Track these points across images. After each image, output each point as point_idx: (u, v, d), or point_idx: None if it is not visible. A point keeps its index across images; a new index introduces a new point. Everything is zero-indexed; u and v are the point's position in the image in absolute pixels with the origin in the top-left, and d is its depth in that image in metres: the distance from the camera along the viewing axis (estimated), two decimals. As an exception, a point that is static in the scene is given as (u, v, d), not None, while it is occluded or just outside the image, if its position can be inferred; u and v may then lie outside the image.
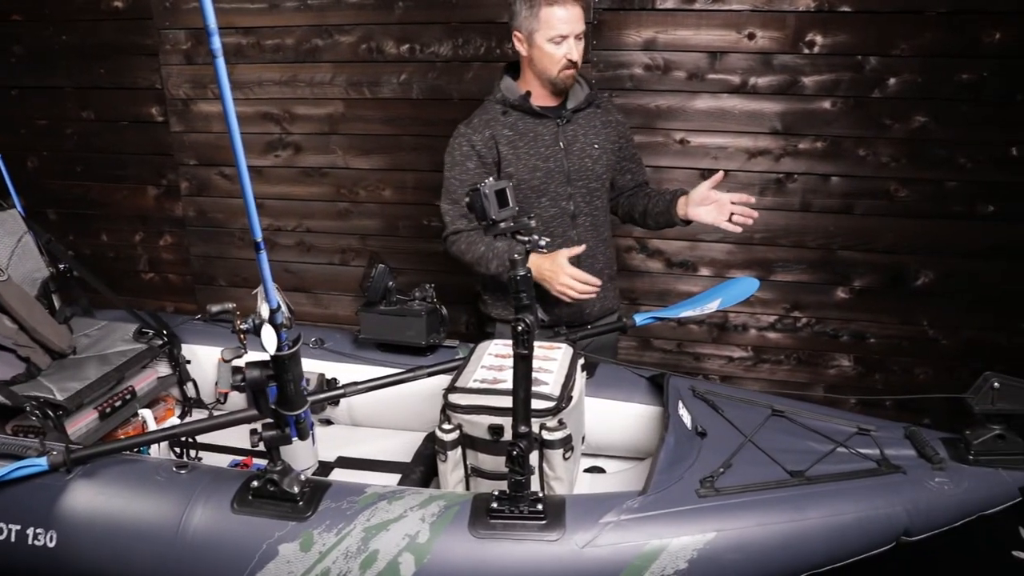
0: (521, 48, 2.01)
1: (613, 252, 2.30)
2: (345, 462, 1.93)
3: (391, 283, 2.00)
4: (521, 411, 1.29)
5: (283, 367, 1.24)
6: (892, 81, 2.55)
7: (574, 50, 1.95)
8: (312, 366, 2.04)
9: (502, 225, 1.16)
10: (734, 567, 1.33)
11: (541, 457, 1.49)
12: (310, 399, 1.62)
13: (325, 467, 1.91)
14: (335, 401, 2.04)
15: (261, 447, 1.40)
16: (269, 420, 1.38)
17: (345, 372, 2.02)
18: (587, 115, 2.11)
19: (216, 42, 0.90)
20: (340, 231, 3.13)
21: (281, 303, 1.20)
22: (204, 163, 3.16)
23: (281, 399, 1.31)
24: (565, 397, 1.51)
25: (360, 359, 2.05)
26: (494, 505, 1.35)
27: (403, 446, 1.93)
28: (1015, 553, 1.48)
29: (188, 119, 3.11)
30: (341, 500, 1.41)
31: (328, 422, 2.11)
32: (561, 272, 1.88)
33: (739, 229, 1.99)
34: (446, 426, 1.51)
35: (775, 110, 2.65)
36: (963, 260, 2.68)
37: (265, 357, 1.27)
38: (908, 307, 2.77)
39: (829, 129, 2.63)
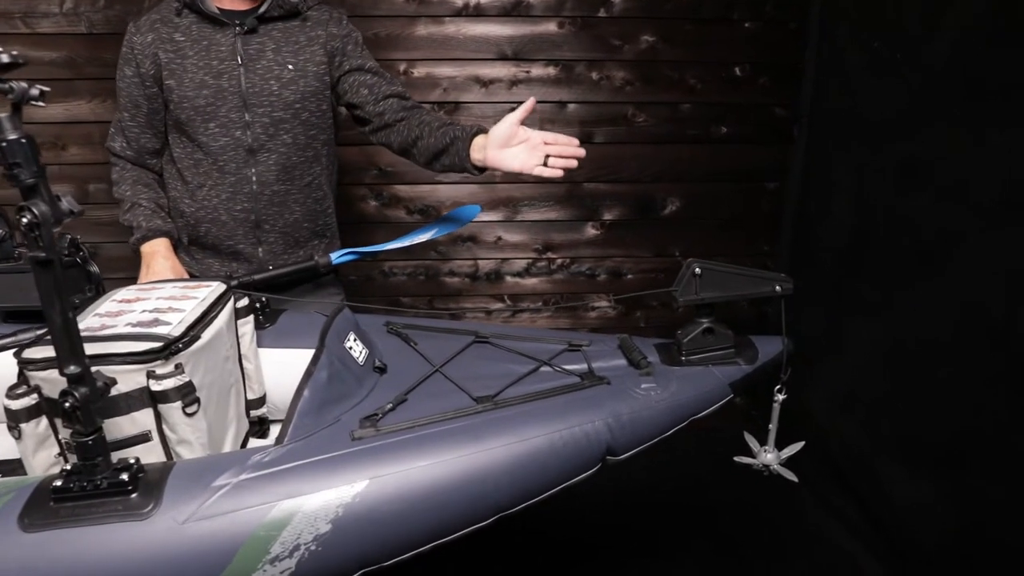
0: None
1: (327, 204, 1.89)
2: (-51, 471, 1.47)
3: (3, 232, 1.55)
4: (64, 344, 0.93)
5: None
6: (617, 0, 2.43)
7: None
8: (-94, 353, 1.55)
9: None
10: (394, 520, 1.05)
11: (158, 417, 1.13)
12: None
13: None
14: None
15: None
16: None
17: (-45, 355, 1.55)
18: (286, 28, 1.72)
19: None
20: (15, 203, 2.56)
21: None
22: None
23: None
24: (188, 337, 1.16)
25: (-23, 336, 1.58)
26: (58, 484, 0.98)
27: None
28: (737, 458, 1.33)
29: None
30: None
31: (-54, 424, 1.62)
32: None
33: (559, 173, 1.56)
34: (18, 391, 1.10)
35: (503, 34, 2.44)
36: (705, 184, 2.63)
37: None
38: (659, 238, 2.69)
39: (560, 52, 2.47)
